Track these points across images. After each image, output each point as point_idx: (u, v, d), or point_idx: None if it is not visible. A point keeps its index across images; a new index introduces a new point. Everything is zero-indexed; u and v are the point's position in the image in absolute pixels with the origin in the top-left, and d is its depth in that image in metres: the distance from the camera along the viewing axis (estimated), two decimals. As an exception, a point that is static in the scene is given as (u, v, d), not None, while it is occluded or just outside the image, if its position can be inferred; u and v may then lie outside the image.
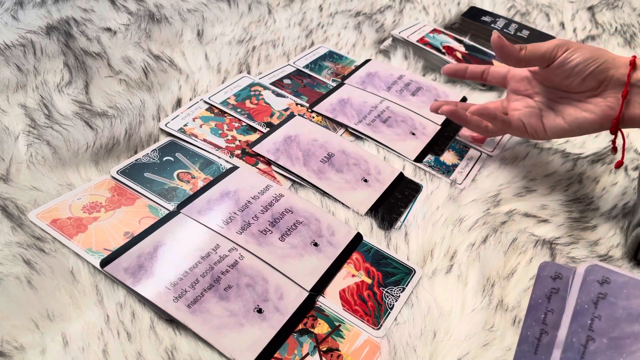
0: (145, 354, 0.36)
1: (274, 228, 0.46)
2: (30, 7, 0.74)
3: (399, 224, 0.50)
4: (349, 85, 0.68)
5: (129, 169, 0.50)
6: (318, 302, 0.42)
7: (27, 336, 0.36)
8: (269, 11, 0.83)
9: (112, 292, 0.40)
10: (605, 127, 0.49)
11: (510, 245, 0.48)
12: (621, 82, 0.47)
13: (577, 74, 0.48)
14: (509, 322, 0.41)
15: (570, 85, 0.49)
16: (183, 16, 0.77)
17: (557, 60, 0.48)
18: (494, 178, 0.56)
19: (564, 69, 0.48)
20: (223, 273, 0.42)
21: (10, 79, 0.59)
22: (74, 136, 0.51)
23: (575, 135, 0.51)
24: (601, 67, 0.47)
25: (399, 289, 0.44)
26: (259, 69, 0.69)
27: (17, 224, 0.42)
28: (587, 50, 0.48)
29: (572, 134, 0.51)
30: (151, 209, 0.47)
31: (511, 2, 0.99)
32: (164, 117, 0.57)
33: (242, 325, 0.39)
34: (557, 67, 0.49)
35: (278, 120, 0.59)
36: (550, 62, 0.49)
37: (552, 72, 0.49)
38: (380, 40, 0.81)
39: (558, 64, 0.48)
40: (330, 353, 0.39)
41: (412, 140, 0.60)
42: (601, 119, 0.48)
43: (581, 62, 0.47)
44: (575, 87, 0.49)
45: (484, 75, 0.58)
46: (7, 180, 0.46)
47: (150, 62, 0.65)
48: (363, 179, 0.54)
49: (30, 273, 0.39)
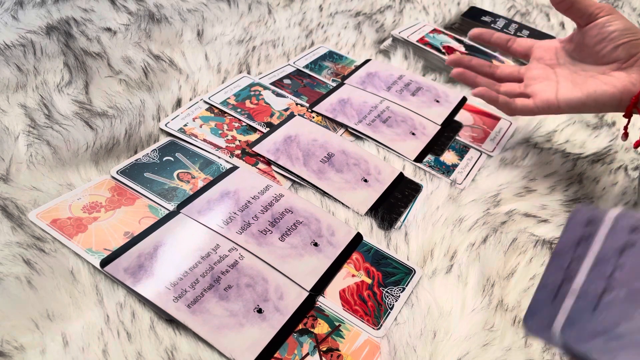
0: (145, 354, 0.36)
1: (274, 228, 0.46)
2: (30, 7, 0.74)
3: (399, 224, 0.50)
4: (349, 85, 0.68)
5: (129, 169, 0.50)
6: (318, 302, 0.42)
7: (27, 336, 0.36)
8: (269, 11, 0.83)
9: (112, 292, 0.40)
10: (622, 104, 0.48)
11: (510, 245, 0.48)
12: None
13: (612, 40, 0.48)
14: (509, 322, 0.41)
15: (601, 52, 0.49)
16: (183, 16, 0.77)
17: (599, 19, 0.48)
18: (494, 178, 0.56)
19: (602, 32, 0.48)
20: (223, 273, 0.42)
21: (10, 79, 0.59)
22: (74, 136, 0.51)
23: (590, 110, 0.50)
24: (637, 41, 0.47)
25: (399, 289, 0.44)
26: (259, 69, 0.69)
27: (17, 224, 0.42)
28: (627, 22, 0.48)
29: (587, 107, 0.50)
30: (151, 209, 0.47)
31: (511, 2, 0.99)
32: (164, 117, 0.57)
33: (242, 325, 0.39)
34: (596, 27, 0.49)
35: (278, 120, 0.59)
36: (591, 19, 0.49)
37: (588, 33, 0.49)
38: (380, 40, 0.81)
39: (598, 24, 0.48)
40: (330, 353, 0.39)
41: (412, 140, 0.60)
42: (621, 93, 0.47)
43: (620, 28, 0.48)
44: (604, 56, 0.49)
45: (509, 43, 0.58)
46: (7, 180, 0.46)
47: (150, 62, 0.65)
48: (363, 179, 0.54)
49: (30, 273, 0.39)
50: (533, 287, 0.44)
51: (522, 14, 0.96)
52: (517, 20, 0.92)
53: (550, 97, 0.51)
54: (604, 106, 0.49)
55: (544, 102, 0.52)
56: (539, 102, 0.52)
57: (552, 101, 0.51)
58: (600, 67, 0.49)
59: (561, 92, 0.51)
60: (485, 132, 0.64)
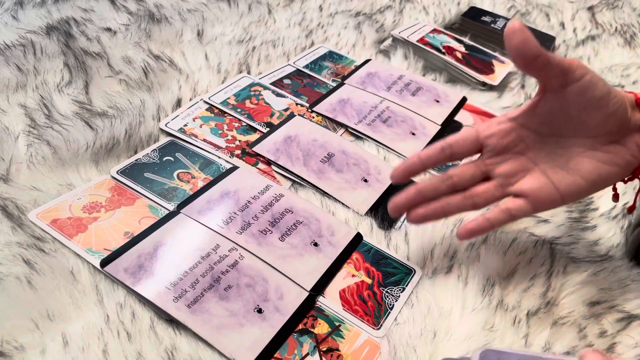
0: (145, 354, 0.36)
1: (274, 228, 0.46)
2: (30, 7, 0.74)
3: (399, 224, 0.50)
4: (349, 85, 0.68)
5: (129, 169, 0.50)
6: (318, 302, 0.42)
7: (27, 336, 0.36)
8: (269, 11, 0.83)
9: (112, 292, 0.40)
10: (625, 176, 0.41)
11: (510, 245, 0.48)
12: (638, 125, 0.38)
13: (600, 108, 0.37)
14: (509, 322, 0.41)
15: (588, 122, 0.38)
16: (183, 16, 0.77)
17: (582, 80, 0.36)
18: (494, 178, 0.56)
19: (588, 97, 0.37)
20: (223, 273, 0.42)
21: (10, 79, 0.59)
22: (74, 136, 0.51)
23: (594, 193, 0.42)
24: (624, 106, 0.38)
25: (399, 289, 0.44)
26: (259, 69, 0.69)
27: (17, 224, 0.42)
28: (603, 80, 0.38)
29: (591, 192, 0.41)
30: (151, 209, 0.47)
31: (511, 2, 0.99)
32: (164, 117, 0.57)
33: (242, 325, 0.39)
34: (580, 90, 0.37)
35: (278, 120, 0.59)
36: (569, 80, 0.37)
37: (567, 99, 0.37)
38: (380, 40, 0.81)
39: (582, 87, 0.37)
40: (330, 353, 0.39)
41: (412, 140, 0.60)
42: (625, 171, 0.39)
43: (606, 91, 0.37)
44: (592, 127, 0.38)
45: (444, 149, 0.42)
46: (7, 180, 0.46)
47: (150, 62, 0.65)
48: (363, 179, 0.54)
49: (30, 273, 0.39)
50: (533, 287, 0.44)
51: (522, 14, 0.96)
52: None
53: (551, 195, 0.40)
54: (607, 185, 0.41)
55: (546, 202, 0.41)
56: (539, 204, 0.41)
57: (555, 199, 0.41)
58: (586, 140, 0.39)
59: (561, 186, 0.40)
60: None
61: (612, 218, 0.53)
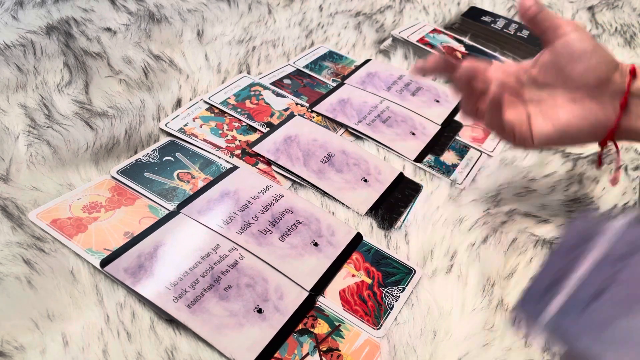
0: (145, 354, 0.36)
1: (274, 228, 0.46)
2: (30, 7, 0.74)
3: (399, 224, 0.50)
4: (349, 85, 0.68)
5: (129, 169, 0.50)
6: (318, 302, 0.42)
7: (27, 336, 0.36)
8: (269, 11, 0.83)
9: (112, 292, 0.40)
10: (597, 137, 0.44)
11: (510, 245, 0.48)
12: (621, 90, 0.42)
13: (582, 61, 0.42)
14: (509, 322, 0.41)
15: (571, 73, 0.43)
16: (183, 16, 0.77)
17: (569, 35, 0.42)
18: (494, 178, 0.56)
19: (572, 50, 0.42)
20: (223, 273, 0.42)
21: (10, 79, 0.59)
22: (74, 136, 0.51)
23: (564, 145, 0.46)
24: (606, 65, 0.42)
25: (399, 289, 0.44)
26: (259, 69, 0.69)
27: (17, 224, 0.42)
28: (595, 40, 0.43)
29: (558, 144, 0.46)
30: (151, 209, 0.47)
31: (511, 2, 0.99)
32: (164, 117, 0.57)
33: (242, 325, 0.39)
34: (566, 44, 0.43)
35: (278, 120, 0.59)
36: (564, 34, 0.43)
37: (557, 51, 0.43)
38: (380, 40, 0.81)
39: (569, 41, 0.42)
40: (330, 353, 0.39)
41: (412, 140, 0.60)
42: (595, 127, 0.43)
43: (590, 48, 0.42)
44: (573, 79, 0.43)
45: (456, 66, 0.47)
46: (7, 180, 0.46)
47: (150, 62, 0.65)
48: (363, 179, 0.54)
49: (30, 273, 0.39)
50: (533, 287, 0.44)
51: (522, 14, 0.96)
52: (517, 20, 0.92)
53: (524, 133, 0.46)
54: (577, 142, 0.46)
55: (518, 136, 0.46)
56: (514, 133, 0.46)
57: (527, 137, 0.46)
58: (568, 92, 0.44)
59: (535, 128, 0.45)
60: (485, 132, 0.64)
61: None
